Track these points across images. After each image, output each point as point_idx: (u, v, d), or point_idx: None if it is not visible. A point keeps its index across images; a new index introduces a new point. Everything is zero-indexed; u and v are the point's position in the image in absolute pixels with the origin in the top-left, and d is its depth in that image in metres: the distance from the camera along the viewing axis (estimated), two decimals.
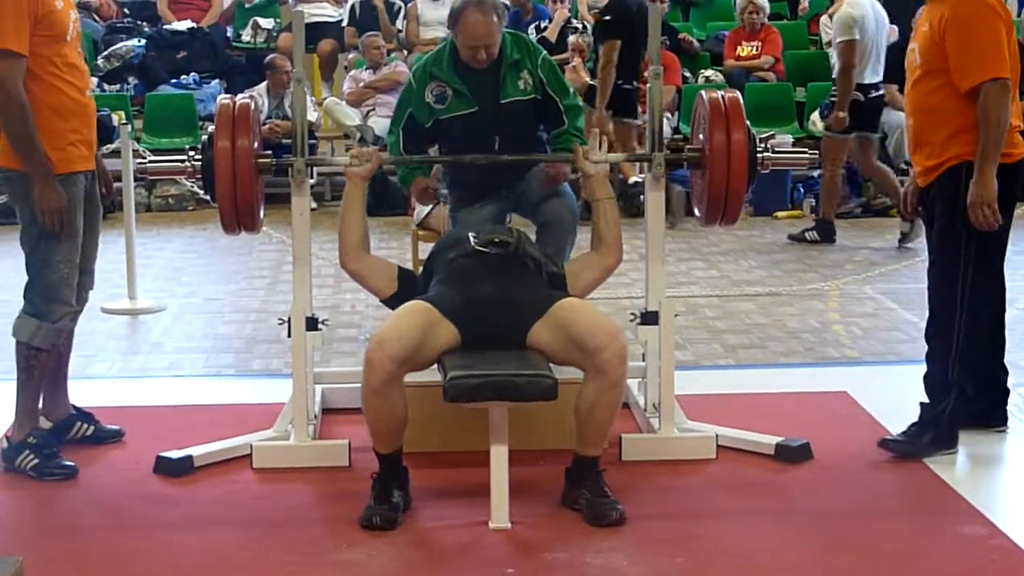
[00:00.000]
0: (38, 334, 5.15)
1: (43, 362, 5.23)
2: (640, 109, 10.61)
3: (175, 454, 5.33)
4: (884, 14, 10.03)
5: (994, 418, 5.61)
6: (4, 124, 5.00)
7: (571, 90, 5.85)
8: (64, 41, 5.09)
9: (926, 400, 5.49)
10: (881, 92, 10.08)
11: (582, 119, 5.95)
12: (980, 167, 5.12)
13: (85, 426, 5.60)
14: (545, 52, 5.81)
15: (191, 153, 5.33)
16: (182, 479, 5.24)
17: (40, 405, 5.39)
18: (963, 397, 5.35)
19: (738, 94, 5.40)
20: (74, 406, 5.63)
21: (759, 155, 5.32)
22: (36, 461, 5.17)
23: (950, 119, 5.16)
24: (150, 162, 5.67)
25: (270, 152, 5.36)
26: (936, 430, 5.33)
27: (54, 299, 5.15)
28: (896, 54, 8.81)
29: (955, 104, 5.14)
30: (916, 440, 5.34)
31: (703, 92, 5.40)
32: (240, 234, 5.34)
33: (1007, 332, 5.66)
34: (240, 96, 5.39)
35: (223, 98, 5.36)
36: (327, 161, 5.19)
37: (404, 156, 5.72)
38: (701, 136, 5.37)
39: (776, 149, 5.40)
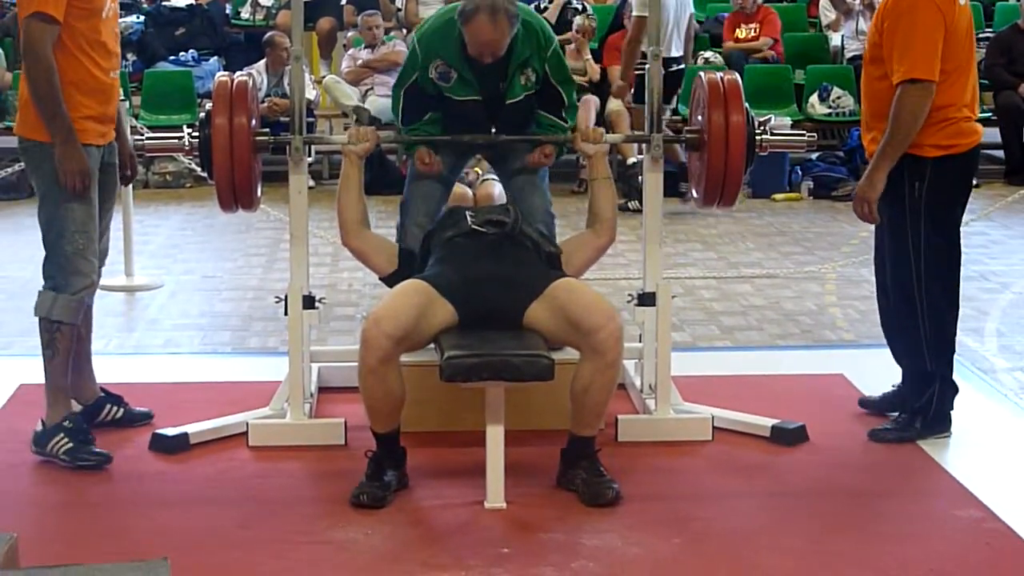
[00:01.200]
0: (56, 305, 5.08)
1: (65, 336, 5.12)
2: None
3: (171, 431, 5.33)
4: None
5: None
6: (29, 85, 4.97)
7: (574, 88, 5.66)
8: (99, 18, 5.07)
9: (898, 385, 5.58)
10: (682, 66, 10.74)
11: (576, 116, 5.81)
12: (875, 163, 5.10)
13: (115, 408, 5.58)
14: (556, 43, 5.55)
15: (188, 130, 5.32)
16: (178, 456, 5.24)
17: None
18: (947, 382, 5.35)
19: (737, 76, 5.40)
20: (102, 388, 5.61)
21: (757, 137, 5.31)
22: (70, 445, 5.09)
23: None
24: (147, 138, 5.66)
25: (267, 130, 5.36)
26: (925, 417, 5.33)
27: (71, 271, 5.09)
28: None
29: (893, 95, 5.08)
30: (907, 427, 5.35)
31: (702, 74, 5.39)
32: (237, 211, 5.34)
33: (1005, 317, 5.65)
34: (238, 73, 5.38)
35: (221, 75, 5.36)
36: (325, 139, 5.19)
37: (401, 136, 5.66)
38: (700, 118, 5.36)
39: (775, 131, 5.40)
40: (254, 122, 5.23)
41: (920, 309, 5.22)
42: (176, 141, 5.40)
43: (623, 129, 10.80)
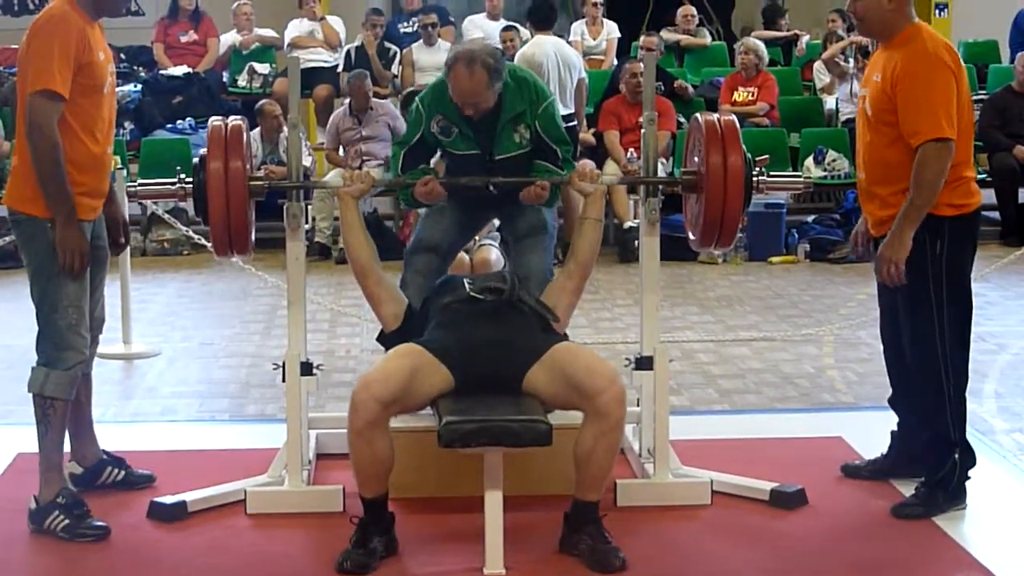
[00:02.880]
0: (48, 382, 5.06)
1: (59, 412, 5.10)
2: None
3: (169, 499, 5.31)
4: (573, 56, 11.46)
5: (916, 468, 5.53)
6: (35, 163, 4.95)
7: (569, 147, 5.73)
8: (100, 93, 5.09)
9: (886, 452, 5.58)
10: (573, 123, 11.01)
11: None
12: (901, 225, 5.08)
13: (116, 471, 5.57)
14: (551, 101, 5.67)
15: (182, 176, 5.32)
16: (176, 524, 5.22)
17: (68, 451, 5.32)
18: (968, 450, 5.29)
19: (734, 118, 5.39)
20: (104, 451, 5.60)
21: (755, 178, 5.31)
22: (67, 522, 5.05)
23: (904, 172, 5.08)
24: (140, 185, 5.66)
25: (261, 173, 5.34)
26: (947, 489, 5.25)
27: (64, 346, 5.07)
28: None
29: (908, 158, 5.07)
30: (930, 501, 5.24)
31: (699, 115, 5.38)
32: (233, 257, 5.34)
33: (1003, 379, 5.65)
34: (232, 118, 5.35)
35: (215, 120, 5.32)
36: (320, 184, 5.20)
37: (397, 179, 5.69)
38: (696, 159, 5.36)
39: (771, 173, 5.40)
40: (248, 167, 5.22)
41: (944, 372, 5.17)
42: (170, 187, 5.39)
43: (619, 193, 10.85)
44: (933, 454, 5.31)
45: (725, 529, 5.18)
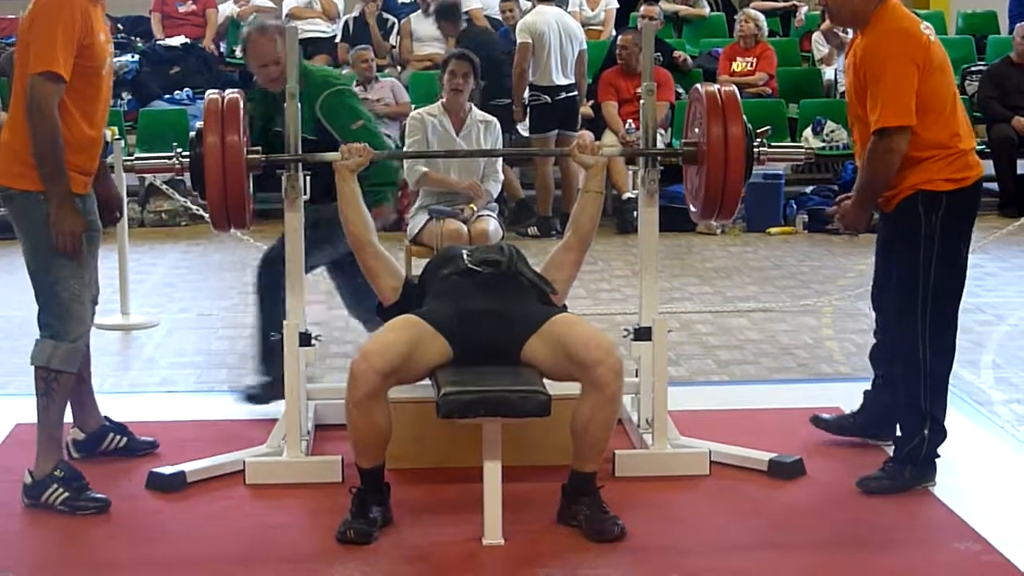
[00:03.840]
0: (56, 355, 5.04)
1: (64, 385, 5.10)
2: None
3: (168, 470, 5.32)
4: (574, 26, 11.49)
5: (887, 431, 5.58)
6: (34, 143, 4.94)
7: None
8: (99, 75, 5.08)
9: (855, 412, 5.67)
10: (574, 93, 11.17)
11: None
12: (856, 201, 5.15)
13: (118, 438, 5.60)
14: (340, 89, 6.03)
15: (179, 149, 5.30)
16: (175, 495, 5.23)
17: (69, 420, 5.32)
18: (939, 426, 5.24)
19: (735, 89, 5.37)
20: (107, 418, 5.62)
21: (756, 150, 5.29)
22: (66, 495, 5.04)
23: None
24: (137, 159, 5.64)
25: (259, 147, 5.33)
26: (915, 465, 5.23)
27: (69, 317, 5.06)
28: None
29: None
30: (897, 476, 5.22)
31: (699, 86, 5.37)
32: (230, 230, 5.33)
33: (1001, 349, 5.65)
34: (228, 91, 5.32)
35: (211, 93, 5.30)
36: (318, 157, 5.18)
37: (395, 152, 5.70)
38: (696, 130, 5.34)
39: (772, 144, 5.39)
40: (245, 139, 5.21)
41: (923, 340, 5.15)
42: (166, 161, 5.38)
43: (617, 164, 10.82)
44: (905, 422, 5.31)
45: (723, 499, 5.19)
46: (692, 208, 5.53)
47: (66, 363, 5.08)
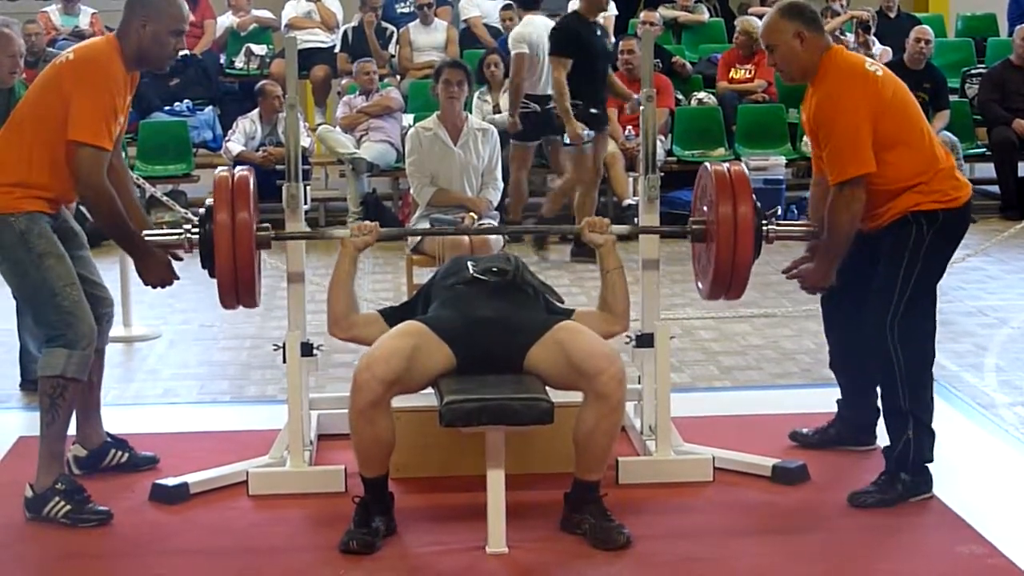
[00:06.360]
0: (71, 363, 5.00)
1: (72, 394, 5.07)
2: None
3: (171, 481, 5.31)
4: None
5: (866, 436, 5.62)
6: (95, 217, 5.03)
7: None
8: (114, 135, 5.08)
9: (833, 422, 5.69)
10: None
11: None
12: (821, 259, 5.21)
13: (120, 453, 5.58)
14: None
15: (187, 226, 5.22)
16: (178, 506, 5.22)
17: (72, 434, 5.31)
18: (922, 425, 5.16)
19: (744, 167, 5.30)
20: (108, 433, 5.60)
21: (764, 228, 5.23)
22: (68, 508, 5.01)
23: (877, 176, 5.03)
24: (146, 235, 5.53)
25: (268, 224, 5.24)
26: (907, 472, 5.15)
27: (78, 322, 5.03)
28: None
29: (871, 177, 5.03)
30: (889, 489, 5.15)
31: (708, 164, 5.30)
32: (238, 308, 5.29)
33: (1004, 352, 5.64)
34: (238, 168, 5.28)
35: (221, 171, 5.21)
36: (324, 234, 5.11)
37: (405, 229, 5.65)
38: (705, 208, 5.30)
39: (779, 222, 5.36)
40: (254, 216, 5.11)
41: (893, 341, 5.07)
42: (175, 238, 5.23)
43: (618, 170, 10.84)
44: (890, 427, 5.25)
45: (727, 506, 5.18)
46: (699, 286, 5.48)
47: (80, 371, 5.05)
